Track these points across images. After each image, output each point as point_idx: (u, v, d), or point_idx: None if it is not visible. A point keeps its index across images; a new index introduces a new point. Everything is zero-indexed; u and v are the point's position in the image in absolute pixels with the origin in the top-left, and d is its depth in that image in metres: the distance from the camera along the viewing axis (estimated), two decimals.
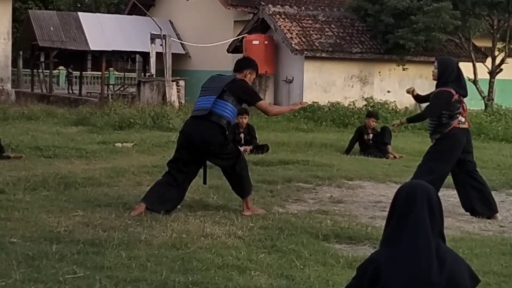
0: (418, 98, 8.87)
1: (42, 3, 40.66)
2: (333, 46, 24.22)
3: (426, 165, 8.26)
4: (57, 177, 9.27)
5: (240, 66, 8.00)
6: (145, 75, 28.89)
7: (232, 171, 7.78)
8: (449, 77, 8.09)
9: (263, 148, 13.37)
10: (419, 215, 3.16)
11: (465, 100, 8.32)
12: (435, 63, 8.31)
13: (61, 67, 41.10)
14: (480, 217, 8.17)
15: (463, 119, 8.19)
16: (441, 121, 8.11)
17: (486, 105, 24.24)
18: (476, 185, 8.35)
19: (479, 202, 8.25)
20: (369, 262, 3.23)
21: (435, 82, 8.36)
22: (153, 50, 24.36)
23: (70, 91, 36.05)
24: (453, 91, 8.06)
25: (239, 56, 26.08)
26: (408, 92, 8.75)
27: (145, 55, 29.19)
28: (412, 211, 3.17)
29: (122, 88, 34.20)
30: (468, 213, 8.41)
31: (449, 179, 10.72)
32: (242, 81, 7.85)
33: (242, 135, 13.58)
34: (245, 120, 13.61)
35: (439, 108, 8.10)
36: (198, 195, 8.52)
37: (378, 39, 24.63)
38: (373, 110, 17.69)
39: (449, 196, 9.36)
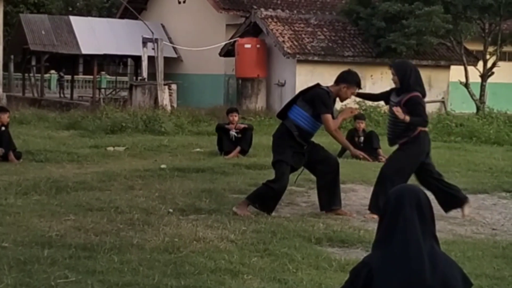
0: (362, 95, 8.77)
1: (33, 7, 40.58)
2: (325, 50, 24.27)
3: (393, 168, 8.07)
4: (48, 181, 9.24)
5: (337, 78, 8.20)
6: (137, 79, 28.84)
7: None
8: (410, 80, 7.98)
9: (246, 133, 13.42)
10: (408, 218, 3.17)
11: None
12: (392, 69, 8.20)
13: (52, 71, 41.02)
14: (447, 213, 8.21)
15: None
16: (409, 125, 7.98)
17: (478, 108, 24.32)
18: (439, 185, 8.33)
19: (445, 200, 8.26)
20: (362, 265, 3.23)
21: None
22: (145, 53, 24.33)
23: (62, 95, 35.98)
24: (420, 95, 8.04)
25: (231, 60, 26.19)
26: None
27: (137, 59, 29.14)
28: (401, 214, 3.18)
29: (114, 92, 34.13)
30: (459, 216, 8.43)
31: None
32: (322, 90, 8.00)
33: (233, 133, 13.48)
34: (235, 118, 13.61)
35: (424, 113, 8.02)
36: (190, 199, 8.50)
37: (370, 42, 24.69)
38: (358, 112, 17.75)
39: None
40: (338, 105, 23.53)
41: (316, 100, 7.90)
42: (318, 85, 8.21)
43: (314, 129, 8.08)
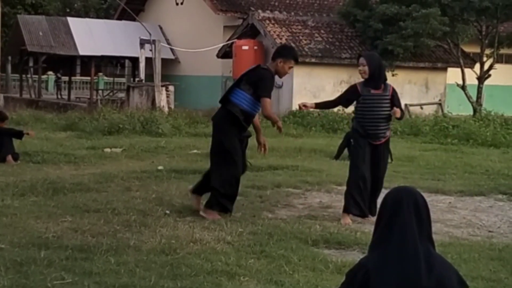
0: (320, 105, 8.64)
1: (31, 8, 40.56)
2: (322, 52, 24.29)
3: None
4: (45, 183, 9.24)
5: (273, 54, 7.97)
6: (134, 80, 28.86)
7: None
8: (383, 73, 8.03)
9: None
10: (406, 220, 3.18)
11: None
12: (362, 60, 7.96)
13: (50, 72, 41.01)
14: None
15: None
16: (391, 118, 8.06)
17: (474, 111, 24.35)
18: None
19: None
20: (358, 267, 3.23)
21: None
22: (142, 55, 24.34)
23: (59, 96, 35.97)
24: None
25: (228, 61, 26.21)
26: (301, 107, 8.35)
27: (135, 60, 29.17)
28: (398, 216, 3.19)
29: (111, 93, 34.13)
30: (456, 218, 8.45)
31: (446, 184, 10.76)
32: (264, 70, 7.78)
33: None
34: None
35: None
36: (187, 200, 8.50)
37: (367, 44, 24.72)
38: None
39: (438, 202, 9.39)
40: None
41: (260, 82, 7.66)
42: (259, 66, 7.97)
43: (255, 111, 7.84)
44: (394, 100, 8.01)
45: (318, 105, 8.58)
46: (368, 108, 8.00)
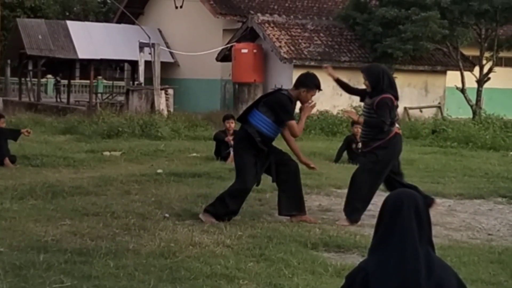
0: (340, 83, 8.75)
1: (30, 11, 40.58)
2: (321, 55, 24.30)
3: (370, 176, 8.05)
4: (44, 186, 9.23)
5: (295, 82, 8.08)
6: (133, 84, 28.86)
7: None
8: (384, 84, 7.96)
9: None
10: (406, 224, 3.17)
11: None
12: (363, 75, 8.18)
13: (49, 76, 41.00)
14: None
15: (398, 125, 8.24)
16: (383, 128, 7.95)
17: (474, 114, 24.36)
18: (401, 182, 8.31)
19: None
20: (357, 270, 3.23)
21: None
22: (141, 58, 24.34)
23: (58, 100, 35.96)
24: (393, 98, 8.01)
25: (228, 64, 26.22)
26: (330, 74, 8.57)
27: (134, 64, 29.16)
28: (399, 220, 3.18)
29: (110, 97, 34.14)
30: (455, 221, 8.44)
31: (445, 187, 10.75)
32: (283, 95, 7.88)
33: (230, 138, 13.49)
34: (232, 124, 13.60)
35: (389, 116, 7.95)
36: (186, 203, 8.50)
37: (367, 47, 24.74)
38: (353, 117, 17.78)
39: (437, 205, 9.37)
40: (335, 109, 23.45)
41: (278, 107, 7.78)
42: (279, 90, 8.18)
43: (276, 134, 8.01)
44: (377, 107, 7.96)
45: (339, 81, 8.72)
46: (363, 116, 8.21)
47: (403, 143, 8.42)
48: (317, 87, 8.00)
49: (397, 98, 8.14)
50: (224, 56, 26.41)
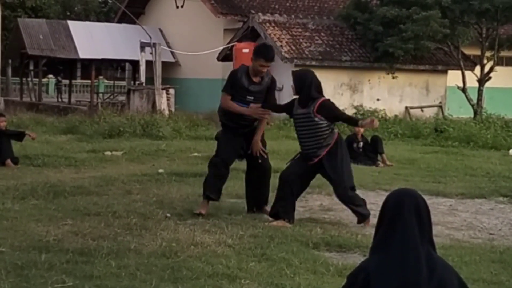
0: (268, 107, 8.21)
1: (31, 11, 40.57)
2: (322, 54, 24.29)
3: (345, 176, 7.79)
4: (46, 186, 9.24)
5: None
6: (134, 83, 28.87)
7: None
8: (311, 89, 7.65)
9: None
10: (407, 223, 3.17)
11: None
12: (293, 77, 7.92)
13: (50, 76, 41.03)
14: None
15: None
16: (329, 131, 7.73)
17: (475, 113, 24.35)
18: None
19: None
20: (359, 270, 3.23)
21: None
22: (143, 58, 24.34)
23: (60, 100, 35.99)
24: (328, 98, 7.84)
25: (229, 64, 26.19)
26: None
27: (135, 63, 29.17)
28: (400, 219, 3.18)
29: (111, 97, 34.14)
30: (457, 221, 8.44)
31: (447, 187, 10.75)
32: (236, 68, 8.20)
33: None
34: None
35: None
36: (188, 203, 8.51)
37: (368, 47, 24.72)
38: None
39: (438, 204, 9.39)
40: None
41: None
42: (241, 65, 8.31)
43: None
44: (321, 112, 7.69)
45: (264, 107, 8.16)
46: (296, 127, 7.90)
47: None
48: (263, 55, 7.85)
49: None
50: (225, 56, 26.39)
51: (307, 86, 7.69)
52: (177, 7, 30.69)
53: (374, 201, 9.50)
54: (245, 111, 7.92)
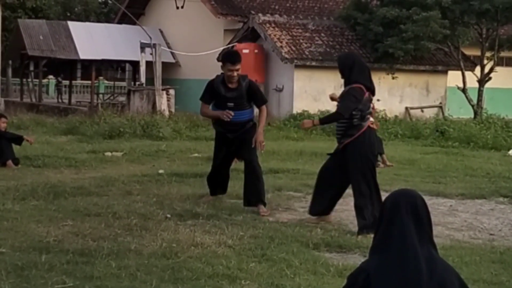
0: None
1: (31, 12, 40.58)
2: (323, 55, 24.29)
3: (358, 180, 7.55)
4: (46, 187, 9.24)
5: None
6: (135, 84, 28.86)
7: None
8: (350, 73, 7.40)
9: None
10: (404, 223, 3.17)
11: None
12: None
13: (50, 76, 41.04)
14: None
15: (372, 120, 7.67)
16: (352, 122, 7.40)
17: (475, 114, 24.35)
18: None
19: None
20: (359, 271, 3.23)
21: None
22: (143, 59, 24.34)
23: (60, 100, 35.99)
24: (363, 88, 7.39)
25: None
26: (332, 99, 8.19)
27: (135, 64, 29.16)
28: (397, 220, 3.19)
29: (112, 97, 34.15)
30: (457, 221, 8.44)
31: (447, 187, 10.75)
32: (213, 78, 8.57)
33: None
34: None
35: (351, 106, 7.36)
36: (188, 204, 8.51)
37: (368, 47, 24.72)
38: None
39: (439, 205, 9.39)
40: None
41: None
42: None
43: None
44: (340, 100, 7.63)
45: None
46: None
47: (381, 141, 7.95)
48: (227, 59, 8.24)
49: (369, 89, 7.48)
50: None
51: (346, 69, 7.56)
52: (177, 7, 30.70)
53: None
54: (217, 113, 8.41)
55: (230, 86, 8.28)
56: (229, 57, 8.27)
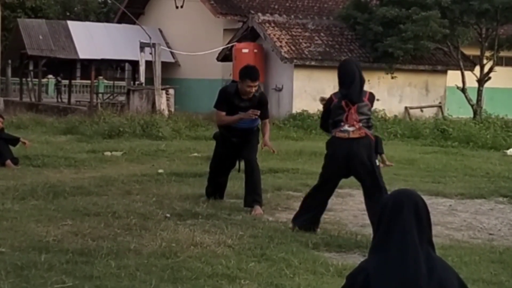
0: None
1: (31, 12, 40.58)
2: (322, 55, 24.29)
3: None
4: (46, 186, 9.24)
5: None
6: (134, 84, 28.86)
7: None
8: (340, 81, 7.47)
9: None
10: (406, 224, 3.17)
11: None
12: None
13: (50, 76, 41.02)
14: None
15: (349, 128, 7.24)
16: (329, 129, 7.46)
17: (474, 113, 24.36)
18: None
19: None
20: (358, 270, 3.23)
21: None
22: (142, 58, 24.34)
23: (59, 100, 35.99)
24: (333, 96, 7.36)
25: (228, 64, 26.20)
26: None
27: (135, 64, 29.16)
28: (399, 220, 3.18)
29: (111, 97, 34.15)
30: (456, 221, 8.44)
31: (446, 187, 10.75)
32: (225, 86, 8.74)
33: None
34: None
35: (322, 115, 7.63)
36: (187, 203, 8.51)
37: (367, 47, 24.73)
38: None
39: (438, 204, 9.39)
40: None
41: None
42: (233, 81, 8.95)
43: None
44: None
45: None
46: None
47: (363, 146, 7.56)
48: (247, 76, 8.31)
49: (350, 100, 7.23)
50: (225, 56, 26.39)
51: (338, 78, 7.62)
52: (177, 7, 30.70)
53: None
54: (239, 116, 8.42)
55: (244, 97, 8.42)
56: (249, 74, 8.30)
